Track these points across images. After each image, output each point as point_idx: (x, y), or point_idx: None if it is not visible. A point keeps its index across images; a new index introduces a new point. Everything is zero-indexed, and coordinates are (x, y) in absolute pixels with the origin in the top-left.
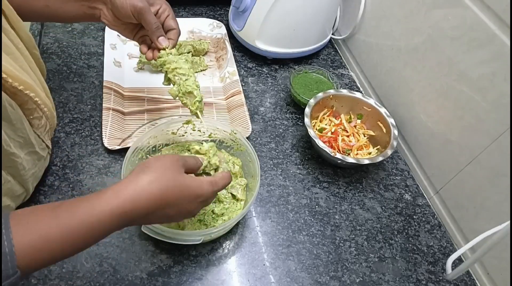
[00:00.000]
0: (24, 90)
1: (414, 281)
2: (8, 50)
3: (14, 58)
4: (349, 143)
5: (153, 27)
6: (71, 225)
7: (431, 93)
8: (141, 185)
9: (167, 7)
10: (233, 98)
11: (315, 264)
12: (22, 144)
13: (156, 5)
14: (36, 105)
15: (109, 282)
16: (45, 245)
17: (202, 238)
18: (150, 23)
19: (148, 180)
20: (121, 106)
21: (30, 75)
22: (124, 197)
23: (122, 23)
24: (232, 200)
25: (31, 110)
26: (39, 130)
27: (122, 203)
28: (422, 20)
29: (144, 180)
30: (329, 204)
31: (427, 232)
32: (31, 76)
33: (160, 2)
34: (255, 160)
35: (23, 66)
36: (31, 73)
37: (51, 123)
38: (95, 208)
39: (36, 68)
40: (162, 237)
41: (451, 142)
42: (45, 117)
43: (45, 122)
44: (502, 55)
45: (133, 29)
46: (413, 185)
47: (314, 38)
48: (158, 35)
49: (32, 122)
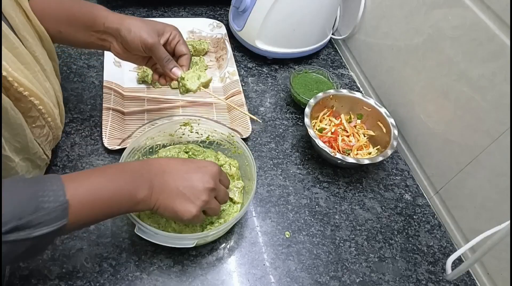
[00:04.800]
0: (29, 97)
1: (414, 281)
2: (23, 60)
3: (28, 67)
4: (349, 143)
5: (164, 62)
6: (120, 187)
7: (431, 93)
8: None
9: (176, 33)
10: (233, 98)
11: (315, 264)
12: (18, 149)
13: (166, 33)
14: (39, 114)
15: (109, 282)
16: (96, 202)
17: (195, 242)
18: (161, 59)
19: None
20: (121, 106)
21: (42, 84)
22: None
23: (132, 55)
24: (228, 202)
25: (33, 118)
26: (40, 139)
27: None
28: (422, 20)
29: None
30: (329, 204)
31: (427, 232)
32: (42, 86)
33: (169, 29)
34: (252, 164)
35: (36, 75)
36: (42, 83)
37: (54, 134)
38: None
39: (54, 79)
40: (155, 240)
41: (451, 142)
42: (48, 127)
43: (48, 132)
44: (502, 55)
45: (144, 59)
46: (413, 185)
47: (314, 38)
48: (170, 67)
49: (34, 130)
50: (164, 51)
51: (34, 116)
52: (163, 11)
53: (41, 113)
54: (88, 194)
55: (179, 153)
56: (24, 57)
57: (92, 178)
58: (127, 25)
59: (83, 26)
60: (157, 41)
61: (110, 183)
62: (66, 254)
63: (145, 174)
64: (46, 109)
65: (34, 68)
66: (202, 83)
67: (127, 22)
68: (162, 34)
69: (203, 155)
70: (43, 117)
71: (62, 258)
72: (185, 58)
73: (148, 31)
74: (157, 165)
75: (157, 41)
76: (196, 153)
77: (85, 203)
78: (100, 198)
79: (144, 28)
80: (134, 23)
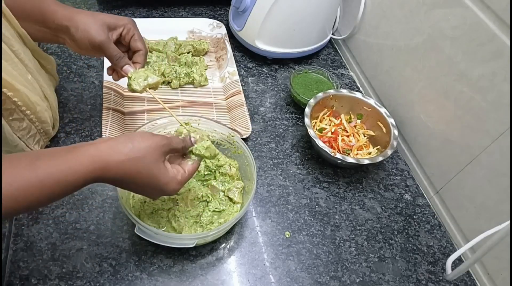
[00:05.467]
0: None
1: (414, 281)
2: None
3: (5, 58)
4: (349, 143)
5: (115, 60)
6: (49, 181)
7: (431, 93)
8: (116, 160)
9: (131, 27)
10: (233, 98)
11: (315, 264)
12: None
13: (118, 27)
14: (15, 106)
15: (109, 282)
16: (23, 196)
17: (195, 242)
18: (111, 57)
19: (124, 157)
20: (121, 106)
21: (23, 75)
22: (98, 164)
23: (86, 51)
24: (228, 202)
25: (9, 111)
26: (20, 132)
27: (96, 170)
28: (422, 20)
29: (121, 156)
30: (329, 204)
31: (427, 232)
32: (24, 78)
33: (123, 23)
34: (252, 164)
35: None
36: (24, 75)
37: (38, 128)
38: (71, 170)
39: (39, 74)
40: (156, 240)
41: (451, 142)
42: (28, 120)
43: (28, 125)
44: (502, 55)
45: (99, 54)
46: (413, 185)
47: (314, 38)
48: (122, 65)
49: (12, 123)
50: (114, 49)
51: (9, 108)
52: (163, 11)
53: (17, 105)
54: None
55: None
56: (7, 54)
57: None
58: (75, 22)
59: (35, 21)
60: (106, 39)
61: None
62: (66, 254)
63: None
64: (24, 102)
65: (13, 59)
66: (148, 85)
67: (76, 19)
68: (114, 29)
69: None
70: (20, 110)
71: (62, 258)
72: (139, 54)
73: (97, 28)
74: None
75: (106, 39)
76: None
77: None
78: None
79: (92, 25)
80: (83, 19)
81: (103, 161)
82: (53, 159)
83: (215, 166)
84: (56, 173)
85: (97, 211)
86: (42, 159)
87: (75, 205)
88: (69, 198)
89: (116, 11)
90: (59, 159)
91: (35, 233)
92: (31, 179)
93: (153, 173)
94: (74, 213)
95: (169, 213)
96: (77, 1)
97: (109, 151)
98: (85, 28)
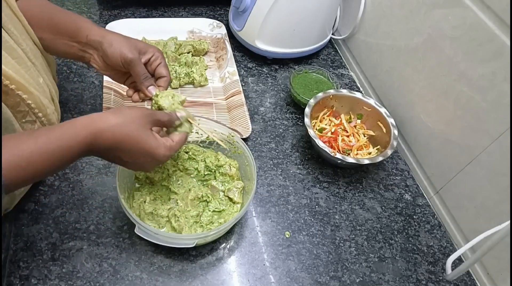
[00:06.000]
0: (16, 90)
1: (414, 281)
2: (14, 54)
3: (21, 62)
4: (349, 143)
5: (141, 79)
6: (48, 148)
7: (431, 93)
8: (107, 125)
9: (159, 55)
10: (233, 98)
11: (315, 264)
12: None
13: (148, 53)
14: (29, 108)
15: (109, 282)
16: (27, 165)
17: (195, 242)
18: (138, 75)
19: (115, 122)
20: (121, 106)
21: (35, 79)
22: (90, 130)
23: (112, 69)
24: (228, 202)
25: (23, 113)
26: None
27: (89, 135)
28: (422, 20)
29: (111, 121)
30: (329, 204)
31: (427, 232)
32: (35, 81)
33: (153, 51)
34: (252, 164)
35: (28, 70)
36: (36, 78)
37: None
38: (69, 135)
39: (47, 74)
40: (156, 240)
41: (451, 142)
42: (39, 123)
43: (39, 127)
44: (502, 55)
45: (123, 76)
46: (413, 185)
47: (314, 38)
48: (147, 85)
49: (24, 125)
50: (143, 68)
51: (23, 111)
52: (163, 11)
53: (30, 107)
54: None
55: (179, 153)
56: (15, 51)
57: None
58: (109, 39)
59: (65, 35)
60: (137, 57)
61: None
62: (66, 254)
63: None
64: (37, 104)
65: (26, 63)
66: (175, 102)
67: (110, 37)
68: (144, 53)
69: (203, 155)
70: (33, 112)
71: (62, 258)
72: (164, 80)
73: (130, 47)
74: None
75: (137, 57)
76: (196, 153)
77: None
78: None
79: (125, 44)
80: (117, 38)
81: (95, 127)
82: (51, 129)
83: (215, 166)
84: (54, 139)
85: (97, 211)
86: (41, 130)
87: (75, 205)
88: (69, 198)
89: (116, 11)
90: (56, 128)
91: (35, 233)
92: (32, 147)
93: (141, 136)
94: (74, 213)
95: (169, 213)
96: (77, 1)
97: (100, 118)
98: (119, 45)
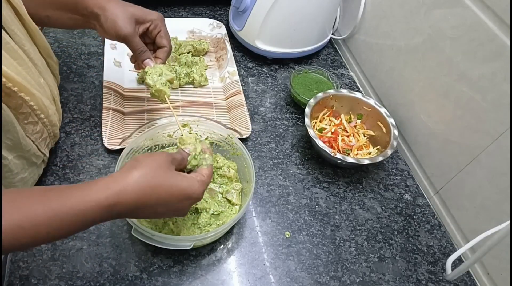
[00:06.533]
0: (19, 92)
1: (414, 281)
2: (15, 55)
3: (22, 63)
4: (349, 143)
5: (137, 53)
6: (60, 211)
7: (431, 93)
8: (131, 180)
9: (159, 23)
10: (233, 98)
11: (315, 264)
12: (10, 147)
13: (147, 22)
14: (31, 110)
15: (109, 282)
16: (32, 227)
17: (192, 244)
18: (134, 49)
19: (139, 175)
20: (121, 106)
21: (36, 80)
22: (113, 190)
23: (113, 39)
24: (227, 204)
25: (25, 114)
26: (34, 136)
27: (111, 196)
28: (422, 20)
29: (135, 176)
30: (329, 204)
31: (427, 232)
32: (37, 82)
33: (151, 18)
34: (250, 166)
35: (29, 71)
36: (37, 79)
37: (49, 131)
38: (85, 198)
39: (48, 76)
40: (152, 241)
41: (451, 142)
42: (41, 124)
43: (41, 128)
44: (502, 55)
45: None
46: (413, 185)
47: (314, 38)
48: (143, 59)
49: (26, 127)
50: (138, 43)
51: (25, 112)
52: (163, 11)
53: (32, 109)
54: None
55: None
56: (15, 52)
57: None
58: (105, 11)
59: (66, 10)
60: (131, 32)
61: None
62: (66, 254)
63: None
64: (39, 106)
65: (27, 63)
66: (159, 80)
67: (106, 8)
68: (141, 23)
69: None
70: (35, 114)
71: (62, 258)
72: (163, 50)
73: (124, 20)
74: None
75: (131, 32)
76: None
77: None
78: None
79: (120, 17)
80: (112, 9)
81: (118, 184)
82: (66, 189)
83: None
84: (69, 201)
85: None
86: (55, 190)
87: None
88: None
89: None
90: (72, 188)
91: None
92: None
93: (171, 180)
94: None
95: None
96: None
97: (121, 176)
98: (114, 19)
